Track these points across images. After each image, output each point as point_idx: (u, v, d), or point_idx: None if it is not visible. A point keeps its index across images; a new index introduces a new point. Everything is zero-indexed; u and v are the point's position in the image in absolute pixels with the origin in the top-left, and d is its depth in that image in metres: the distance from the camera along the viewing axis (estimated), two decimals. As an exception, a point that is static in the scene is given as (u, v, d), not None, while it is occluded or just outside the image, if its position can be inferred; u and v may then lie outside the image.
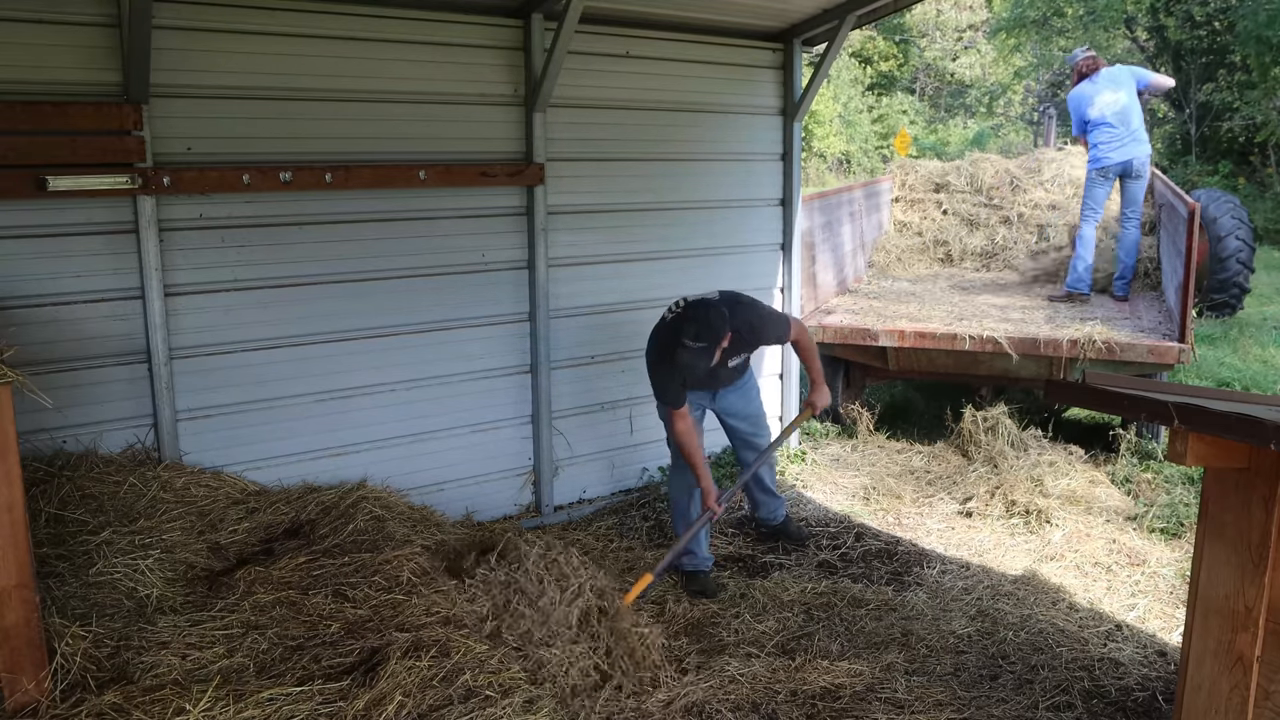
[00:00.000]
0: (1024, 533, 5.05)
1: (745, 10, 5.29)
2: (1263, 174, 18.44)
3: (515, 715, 2.74)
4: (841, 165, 26.07)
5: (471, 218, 4.77)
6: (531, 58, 4.72)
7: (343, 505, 3.95)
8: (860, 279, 8.49)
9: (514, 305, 4.96)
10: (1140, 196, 7.59)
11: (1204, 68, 19.19)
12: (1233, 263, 9.70)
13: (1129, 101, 7.37)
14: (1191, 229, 5.74)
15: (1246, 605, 2.54)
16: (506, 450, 5.06)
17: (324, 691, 2.72)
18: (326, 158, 4.30)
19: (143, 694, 2.63)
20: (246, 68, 4.08)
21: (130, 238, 3.89)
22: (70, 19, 3.68)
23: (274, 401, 4.33)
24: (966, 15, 30.91)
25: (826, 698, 3.40)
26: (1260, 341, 9.13)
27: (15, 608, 2.51)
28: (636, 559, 4.62)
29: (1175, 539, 4.95)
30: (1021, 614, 4.08)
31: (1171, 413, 2.38)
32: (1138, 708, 3.41)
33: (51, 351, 3.77)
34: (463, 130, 4.67)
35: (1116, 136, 7.36)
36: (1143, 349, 5.77)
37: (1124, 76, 7.51)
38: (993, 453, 5.83)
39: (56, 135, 3.68)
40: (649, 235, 5.35)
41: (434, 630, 3.07)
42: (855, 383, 6.98)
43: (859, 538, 4.94)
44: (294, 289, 4.32)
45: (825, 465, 6.08)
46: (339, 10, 4.25)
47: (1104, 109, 7.36)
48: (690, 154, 5.46)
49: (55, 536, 3.32)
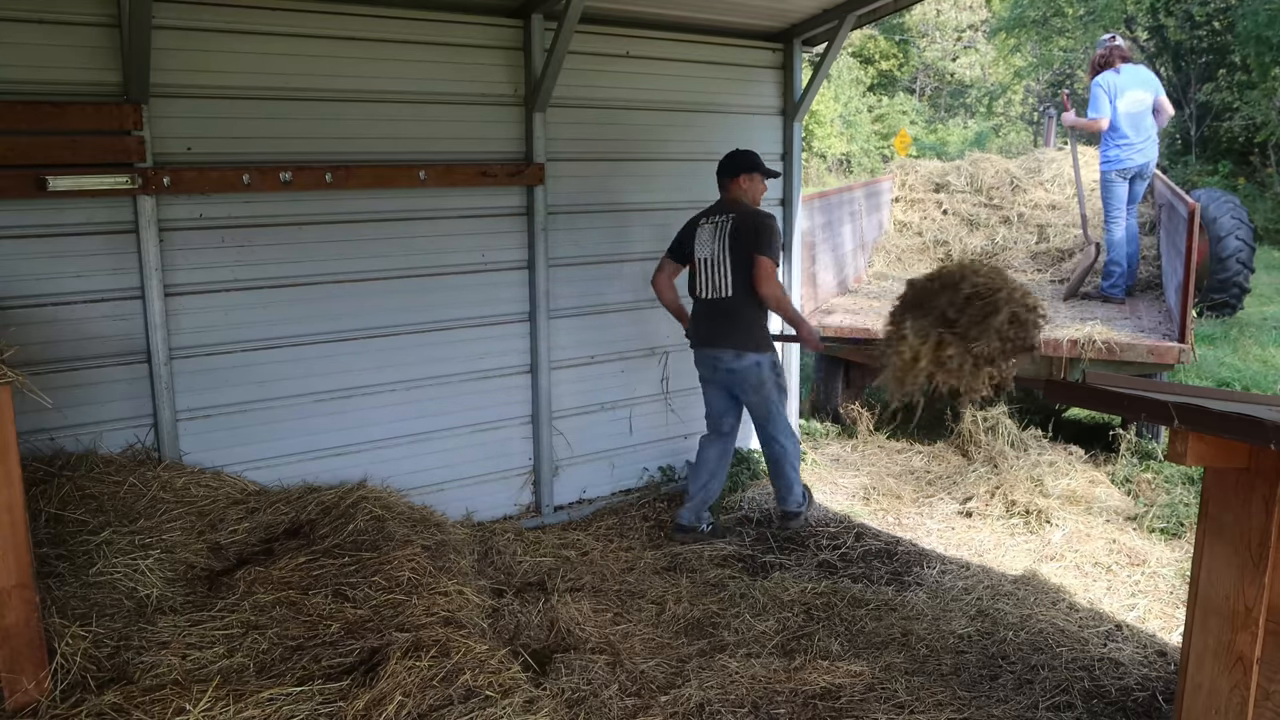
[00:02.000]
0: (1024, 533, 5.05)
1: (745, 10, 5.29)
2: (1263, 174, 18.44)
3: (515, 715, 2.74)
4: (842, 165, 26.07)
5: (471, 218, 4.77)
6: (531, 58, 4.72)
7: (343, 505, 3.94)
8: (860, 279, 8.49)
9: (514, 305, 4.96)
10: (1140, 195, 7.63)
11: (1204, 68, 19.19)
12: (1233, 263, 9.70)
13: (1147, 106, 7.34)
14: (1191, 229, 5.74)
15: (1246, 605, 2.54)
16: (506, 450, 5.06)
17: (324, 691, 2.72)
18: (326, 158, 4.30)
19: (143, 694, 2.63)
20: (246, 68, 4.08)
21: (130, 238, 3.89)
22: (70, 19, 3.68)
23: (274, 401, 4.33)
24: (966, 15, 30.92)
25: (826, 698, 3.40)
26: (1260, 341, 9.13)
27: (15, 608, 2.51)
28: (636, 559, 4.62)
29: (1175, 539, 4.95)
30: (1021, 614, 4.08)
31: (1171, 413, 2.38)
32: (1138, 708, 3.41)
33: (51, 351, 3.77)
34: (463, 130, 4.67)
35: (1137, 138, 7.32)
36: (1143, 349, 5.77)
37: (1151, 81, 7.46)
38: (993, 453, 5.83)
39: (56, 135, 3.68)
40: (649, 235, 5.35)
41: (434, 630, 3.08)
42: (855, 383, 6.98)
43: (859, 538, 4.94)
44: (294, 289, 4.32)
45: (825, 465, 6.08)
46: (339, 10, 4.25)
47: (1130, 106, 7.28)
48: (690, 154, 5.46)
49: (55, 536, 3.31)
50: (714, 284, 4.64)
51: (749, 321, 4.62)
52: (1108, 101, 7.30)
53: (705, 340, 4.74)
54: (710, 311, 4.68)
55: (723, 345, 4.65)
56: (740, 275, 4.56)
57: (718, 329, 4.66)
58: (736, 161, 4.81)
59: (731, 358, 4.64)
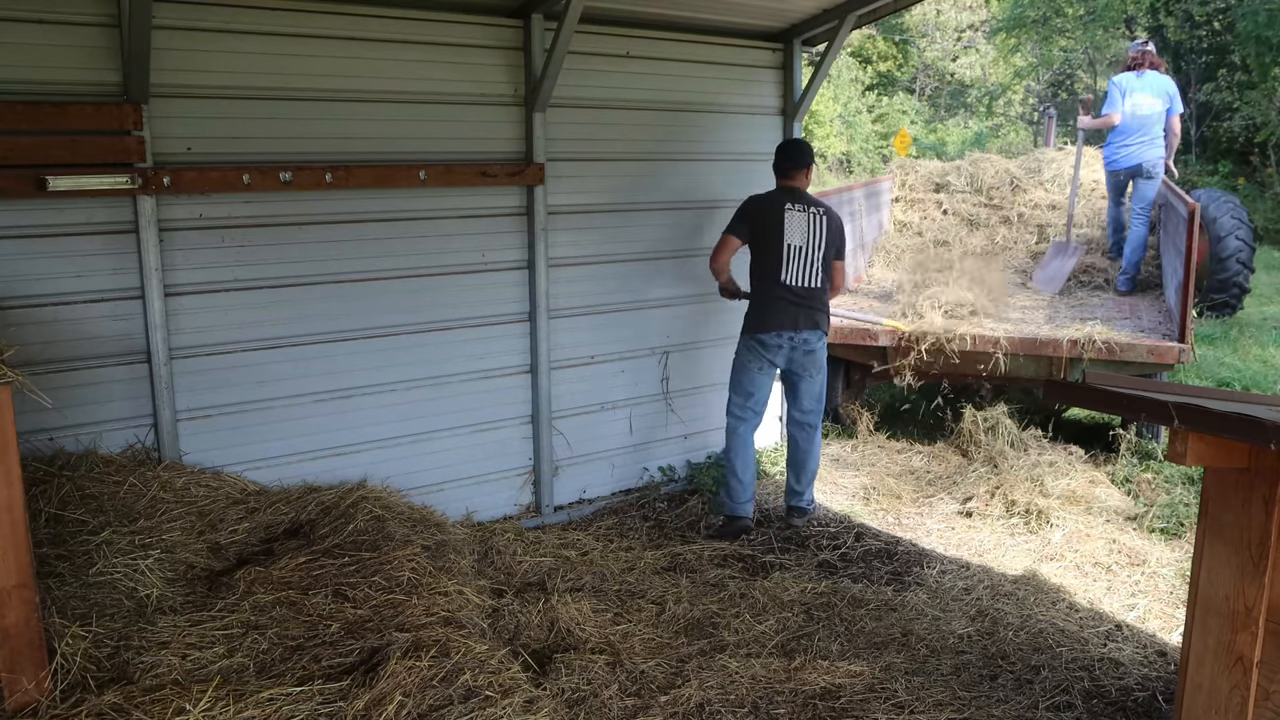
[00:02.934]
0: (1024, 533, 5.05)
1: (745, 10, 5.29)
2: (1263, 174, 18.43)
3: (515, 715, 2.74)
4: (842, 165, 26.06)
5: (471, 218, 4.77)
6: (531, 58, 4.72)
7: (343, 505, 3.94)
8: (860, 279, 8.49)
9: (514, 305, 4.96)
10: (1150, 195, 7.77)
11: (1204, 68, 19.19)
12: (1233, 263, 9.71)
13: (1157, 113, 7.63)
14: (1191, 229, 5.74)
15: (1246, 605, 2.55)
16: (506, 450, 5.06)
17: (324, 691, 2.72)
18: (326, 158, 4.30)
19: (143, 694, 2.63)
20: (246, 68, 4.08)
21: (130, 238, 3.89)
22: (70, 19, 3.68)
23: (274, 401, 4.33)
24: (966, 15, 30.89)
25: (826, 698, 3.40)
26: (1260, 341, 9.13)
27: (15, 608, 2.51)
28: (636, 559, 4.62)
29: (1175, 539, 4.96)
30: (1021, 614, 4.08)
31: (1171, 413, 2.38)
32: (1138, 708, 3.41)
33: (51, 351, 3.77)
34: (463, 130, 4.67)
35: (1130, 140, 7.63)
36: (1143, 349, 5.77)
37: (1167, 92, 7.72)
38: (993, 453, 5.83)
39: (56, 135, 3.68)
40: (649, 235, 5.35)
41: (434, 630, 3.08)
42: (855, 383, 6.98)
43: (859, 538, 4.94)
44: (294, 289, 4.32)
45: (825, 465, 6.09)
46: (339, 10, 4.25)
47: (1135, 107, 7.62)
48: (690, 154, 5.46)
49: (55, 536, 3.31)
50: (805, 273, 4.86)
51: (828, 307, 5.04)
52: (1120, 98, 7.65)
53: (791, 324, 4.87)
54: (798, 297, 4.87)
55: (811, 328, 4.91)
56: (826, 268, 4.95)
57: (807, 314, 4.89)
58: (805, 152, 5.04)
59: (816, 339, 4.95)
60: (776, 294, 4.86)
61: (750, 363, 4.95)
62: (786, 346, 4.88)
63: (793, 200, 4.87)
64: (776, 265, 4.83)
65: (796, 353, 4.90)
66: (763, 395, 5.01)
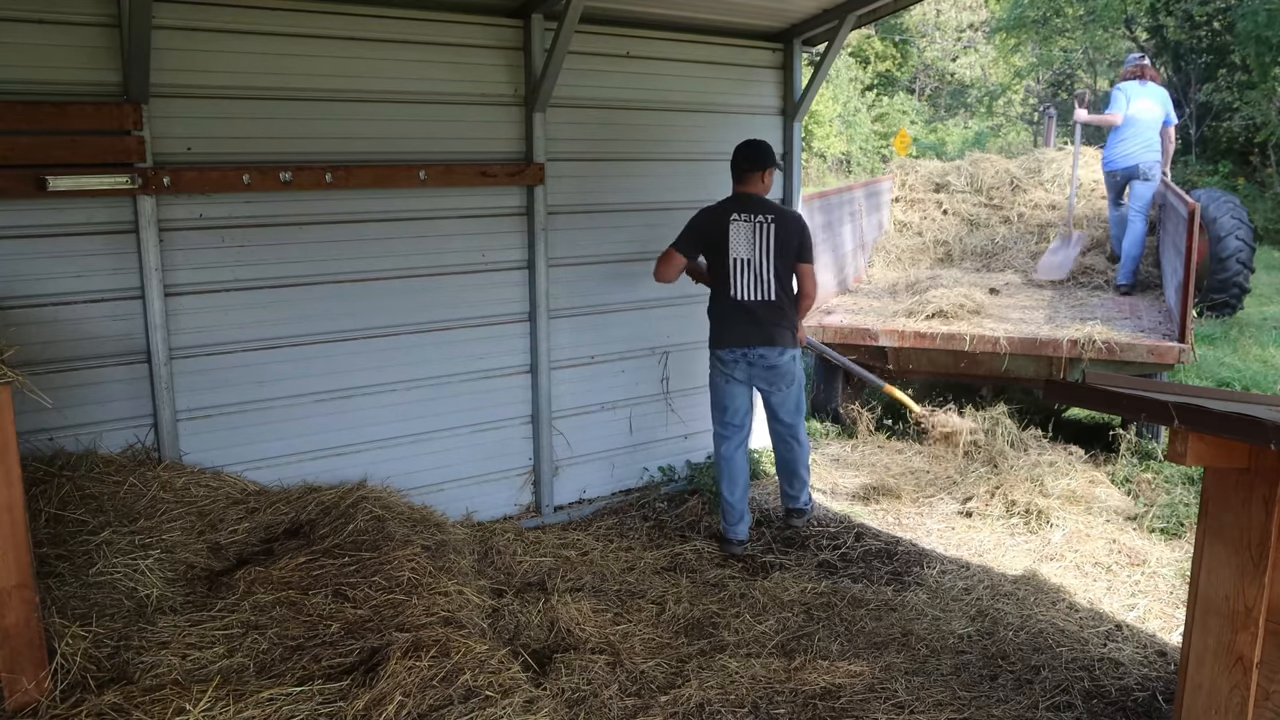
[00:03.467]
0: (1024, 533, 5.05)
1: (745, 10, 5.29)
2: (1263, 174, 18.44)
3: (515, 715, 2.74)
4: (841, 165, 26.07)
5: (471, 218, 4.77)
6: (531, 58, 4.72)
7: (343, 505, 3.95)
8: (860, 279, 8.49)
9: (514, 305, 4.96)
10: (1147, 196, 7.96)
11: (1204, 68, 19.19)
12: (1233, 263, 9.72)
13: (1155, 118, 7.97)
14: (1191, 229, 5.75)
15: (1246, 605, 2.55)
16: (506, 450, 5.06)
17: (324, 691, 2.72)
18: (326, 158, 4.30)
19: (143, 694, 2.63)
20: (246, 68, 4.08)
21: (130, 238, 3.89)
22: (70, 19, 3.68)
23: (274, 401, 4.33)
24: (966, 15, 30.91)
25: (826, 698, 3.40)
26: (1260, 341, 9.14)
27: (15, 608, 2.51)
28: (636, 559, 4.62)
29: (1175, 539, 4.96)
30: (1021, 614, 4.08)
31: (1171, 413, 2.38)
32: (1138, 708, 3.41)
33: (51, 351, 3.77)
34: (463, 130, 4.67)
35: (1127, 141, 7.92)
36: (1143, 349, 5.77)
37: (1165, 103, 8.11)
38: (993, 453, 5.83)
39: (56, 135, 3.68)
40: (649, 235, 5.34)
41: (434, 630, 3.08)
42: (855, 383, 6.98)
43: (859, 538, 4.94)
44: (294, 289, 4.32)
45: (825, 465, 6.09)
46: (339, 10, 4.25)
47: (1137, 112, 7.94)
48: (690, 154, 5.46)
49: (55, 536, 3.31)
50: (755, 286, 4.59)
51: (790, 320, 4.70)
52: (1125, 102, 7.97)
53: (743, 340, 4.64)
54: (750, 312, 4.61)
55: (766, 344, 4.64)
56: (784, 278, 4.63)
57: (761, 329, 4.62)
58: (763, 154, 4.68)
59: (776, 355, 4.66)
60: (729, 310, 4.65)
61: (716, 378, 4.80)
62: (743, 362, 4.68)
63: (740, 210, 4.60)
64: (725, 280, 4.62)
65: (755, 369, 4.67)
66: (737, 408, 4.81)
